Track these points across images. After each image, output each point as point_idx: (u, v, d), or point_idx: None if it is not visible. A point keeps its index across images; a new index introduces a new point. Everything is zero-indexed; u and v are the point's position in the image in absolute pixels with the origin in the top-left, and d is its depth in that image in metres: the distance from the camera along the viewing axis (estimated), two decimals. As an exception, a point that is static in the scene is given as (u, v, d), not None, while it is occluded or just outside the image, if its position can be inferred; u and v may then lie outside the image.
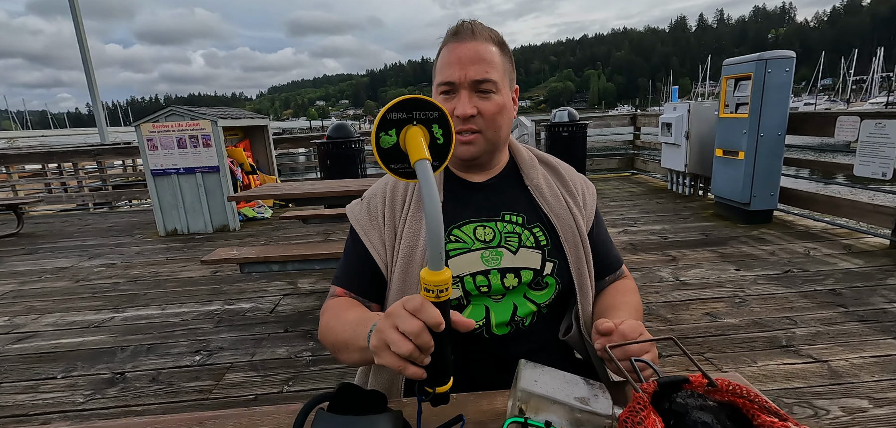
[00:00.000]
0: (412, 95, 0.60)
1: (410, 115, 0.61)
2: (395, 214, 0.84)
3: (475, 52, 0.77)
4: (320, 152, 5.38)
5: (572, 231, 0.83)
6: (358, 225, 0.86)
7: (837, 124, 3.45)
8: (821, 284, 2.62)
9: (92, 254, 4.28)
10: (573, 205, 0.86)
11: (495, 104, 0.78)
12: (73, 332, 2.60)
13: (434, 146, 0.62)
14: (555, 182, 0.88)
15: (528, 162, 0.88)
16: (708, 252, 3.27)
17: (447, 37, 0.81)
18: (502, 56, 0.81)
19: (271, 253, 2.32)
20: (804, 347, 1.98)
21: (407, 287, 0.81)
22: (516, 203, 0.85)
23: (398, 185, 0.88)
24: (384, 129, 0.60)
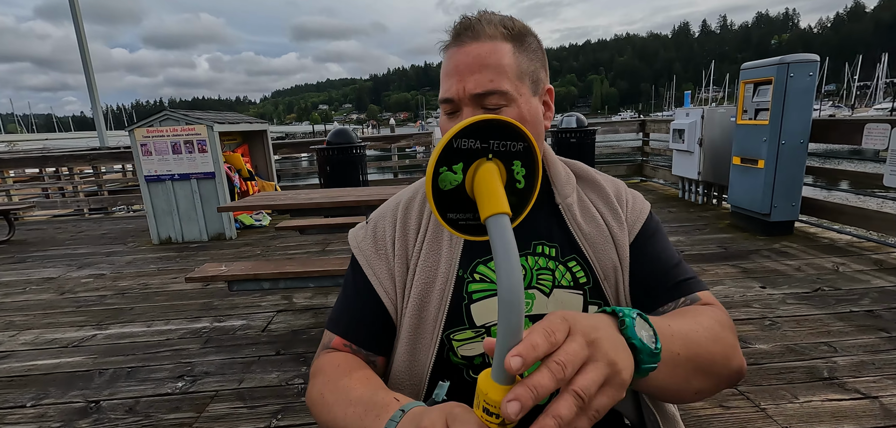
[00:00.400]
0: (492, 116, 0.43)
1: (487, 145, 0.43)
2: (408, 241, 0.67)
3: (476, 59, 0.60)
4: (320, 158, 5.21)
5: (612, 264, 0.65)
6: (362, 255, 0.69)
7: (865, 132, 3.26)
8: (856, 304, 2.42)
9: (81, 263, 4.11)
10: (613, 222, 0.67)
11: (511, 116, 0.61)
12: (51, 351, 2.42)
13: (513, 191, 0.45)
14: (591, 198, 0.70)
15: (564, 178, 0.70)
16: (729, 267, 3.07)
17: (449, 40, 0.64)
18: (519, 53, 0.62)
19: (262, 270, 2.15)
20: (849, 379, 1.78)
21: (419, 338, 0.64)
22: (549, 231, 0.67)
23: (413, 205, 0.70)
24: (448, 163, 0.42)
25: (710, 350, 0.50)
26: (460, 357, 0.64)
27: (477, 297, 0.63)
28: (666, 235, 0.71)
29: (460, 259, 0.64)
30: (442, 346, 0.64)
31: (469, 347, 0.63)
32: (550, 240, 0.66)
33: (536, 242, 0.66)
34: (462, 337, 0.63)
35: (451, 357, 0.65)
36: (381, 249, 0.68)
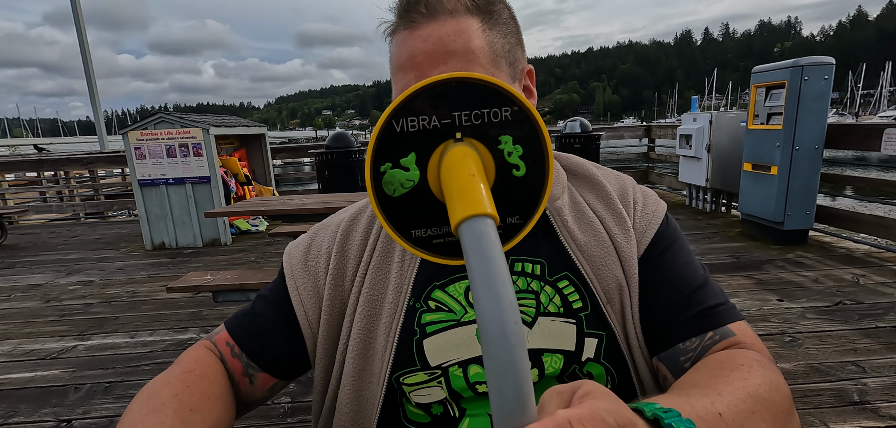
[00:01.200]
0: (452, 75, 0.31)
1: (449, 120, 0.31)
2: (348, 261, 0.54)
3: (437, 44, 0.46)
4: (318, 163, 5.09)
5: (616, 282, 0.50)
6: (288, 265, 0.57)
7: (885, 137, 3.12)
8: (881, 320, 2.27)
9: (71, 269, 4.00)
10: (616, 229, 0.53)
11: None
12: (27, 364, 2.29)
13: (507, 182, 0.33)
14: (591, 202, 0.55)
15: (553, 179, 0.56)
16: (742, 278, 2.92)
17: (395, 22, 0.49)
18: (490, 29, 0.49)
19: (249, 279, 2.02)
20: (882, 403, 1.64)
21: (365, 384, 0.51)
22: (536, 245, 0.52)
23: (360, 219, 0.57)
24: (392, 156, 0.31)
25: None
26: (414, 405, 0.51)
27: (431, 330, 0.50)
28: (687, 246, 0.55)
29: (412, 284, 0.51)
30: (392, 393, 0.51)
31: (423, 393, 0.50)
32: (535, 255, 0.52)
33: (515, 259, 0.52)
34: (413, 380, 0.50)
35: (407, 409, 0.52)
36: (311, 262, 0.56)
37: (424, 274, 0.52)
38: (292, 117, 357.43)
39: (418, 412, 0.51)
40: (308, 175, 8.28)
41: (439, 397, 0.50)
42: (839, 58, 18.40)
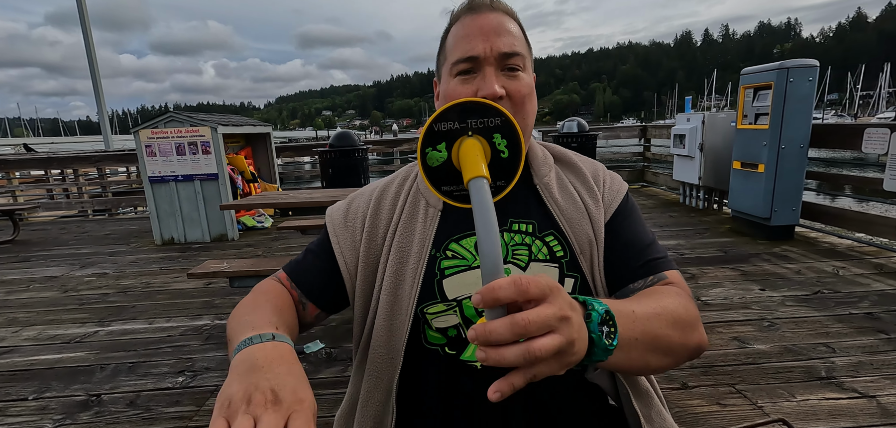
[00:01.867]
0: (468, 99, 0.49)
1: (464, 124, 0.49)
2: (380, 222, 0.70)
3: (499, 23, 0.63)
4: (322, 161, 5.24)
5: (587, 238, 0.66)
6: (332, 224, 0.73)
7: (865, 136, 3.27)
8: (855, 306, 2.42)
9: (84, 262, 4.15)
10: (589, 200, 0.69)
11: (526, 84, 0.64)
12: (53, 347, 2.44)
13: (497, 160, 0.51)
14: (569, 178, 0.72)
15: (541, 159, 0.73)
16: (728, 270, 3.07)
17: (459, 12, 0.66)
18: (524, 35, 0.67)
19: (263, 267, 2.16)
20: (846, 379, 1.79)
21: (395, 314, 0.66)
22: (527, 208, 0.69)
23: (388, 190, 0.73)
24: (431, 143, 0.49)
25: (669, 334, 0.52)
26: (435, 329, 0.65)
27: (449, 272, 0.65)
28: (641, 216, 0.72)
29: (433, 239, 0.67)
30: (417, 321, 0.66)
31: (443, 320, 0.65)
32: (527, 217, 0.68)
33: (513, 220, 0.67)
34: (435, 310, 0.64)
35: (427, 334, 0.66)
36: (350, 222, 0.71)
37: (443, 231, 0.67)
38: (293, 117, 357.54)
39: (437, 336, 0.66)
40: (308, 173, 8.44)
41: (454, 323, 0.64)
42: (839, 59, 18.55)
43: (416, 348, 0.67)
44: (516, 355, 0.36)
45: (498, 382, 0.37)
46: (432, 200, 0.70)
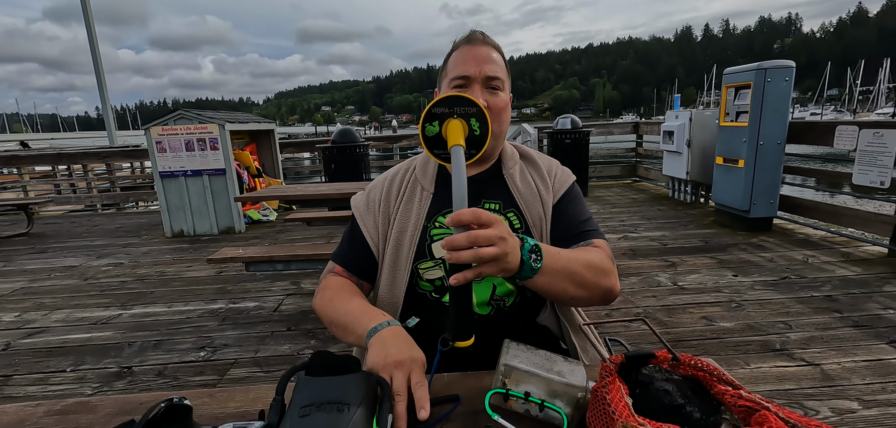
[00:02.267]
0: (454, 93, 0.71)
1: (451, 110, 0.71)
2: (390, 202, 0.93)
3: (487, 54, 0.86)
4: (325, 156, 5.45)
5: (539, 215, 0.89)
6: (357, 211, 0.95)
7: (836, 133, 3.48)
8: (817, 290, 2.64)
9: (100, 253, 4.36)
10: (542, 188, 0.92)
11: (502, 101, 0.87)
12: (82, 327, 2.66)
13: (471, 137, 0.72)
14: (529, 171, 0.94)
15: (510, 157, 0.95)
16: (707, 258, 3.29)
17: (460, 42, 0.90)
18: (505, 66, 0.90)
19: (276, 252, 2.38)
20: (797, 350, 2.01)
21: (396, 269, 0.88)
22: (495, 192, 0.92)
23: (395, 179, 0.95)
24: (429, 121, 0.71)
25: (582, 272, 0.74)
26: (426, 280, 0.88)
27: (436, 237, 0.88)
28: (583, 201, 0.95)
29: (426, 214, 0.90)
30: (412, 275, 0.88)
31: (431, 273, 0.88)
32: (495, 198, 0.91)
33: (485, 200, 0.90)
34: (426, 266, 0.87)
35: (419, 284, 0.89)
36: (371, 206, 0.94)
37: (433, 208, 0.90)
38: (292, 113, 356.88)
39: (426, 285, 0.88)
40: (307, 169, 8.65)
41: (439, 275, 0.87)
42: (839, 55, 18.58)
43: (412, 295, 0.89)
44: (469, 256, 0.58)
45: (456, 275, 0.59)
46: (426, 185, 0.92)
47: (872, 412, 1.58)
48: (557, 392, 0.56)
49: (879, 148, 3.15)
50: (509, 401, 0.58)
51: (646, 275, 3.04)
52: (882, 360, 1.90)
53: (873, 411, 1.58)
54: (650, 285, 2.85)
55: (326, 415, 0.51)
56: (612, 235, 4.08)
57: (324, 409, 0.52)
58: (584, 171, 6.08)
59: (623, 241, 3.89)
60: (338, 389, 0.54)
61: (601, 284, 0.77)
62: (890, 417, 1.56)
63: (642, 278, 2.98)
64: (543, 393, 0.57)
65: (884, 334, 2.10)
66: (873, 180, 3.21)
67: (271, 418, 0.54)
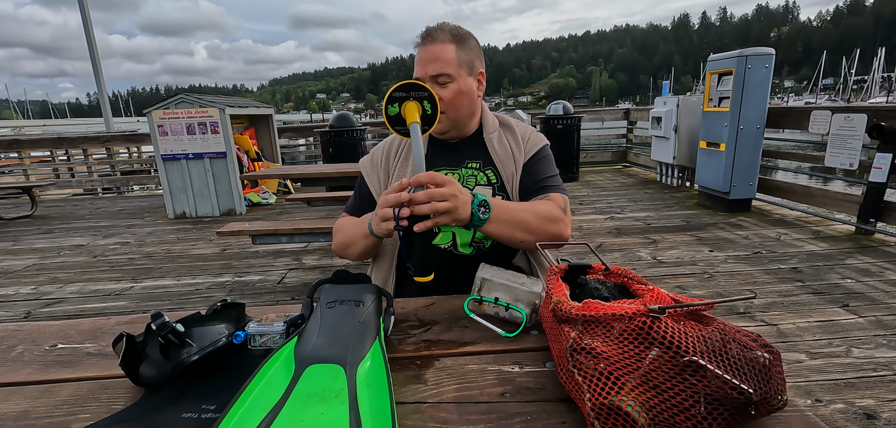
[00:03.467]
0: (410, 80, 0.88)
1: (408, 94, 0.88)
2: (390, 162, 1.11)
3: (433, 54, 0.99)
4: (323, 141, 5.59)
5: (511, 172, 1.06)
6: (364, 169, 1.14)
7: (811, 118, 3.67)
8: (785, 263, 2.85)
9: (106, 233, 4.50)
10: (515, 149, 1.08)
11: (452, 91, 1.00)
12: (97, 298, 2.83)
13: (424, 115, 0.89)
14: (506, 136, 1.11)
15: (491, 125, 1.11)
16: (687, 236, 3.49)
17: (418, 42, 1.04)
18: (461, 49, 1.01)
19: (281, 226, 2.54)
20: (759, 313, 2.21)
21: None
22: (476, 154, 1.09)
23: (393, 145, 1.13)
24: (390, 103, 0.88)
25: (529, 220, 0.92)
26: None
27: None
28: (552, 162, 1.11)
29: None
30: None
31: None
32: (476, 159, 1.08)
33: (467, 161, 1.08)
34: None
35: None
36: (374, 165, 1.13)
37: (426, 167, 1.06)
38: (286, 100, 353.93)
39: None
40: (303, 154, 8.79)
41: (430, 223, 1.04)
42: (836, 44, 18.77)
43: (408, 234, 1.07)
44: (427, 209, 0.75)
45: (417, 224, 0.76)
46: None
47: (817, 362, 1.78)
48: (520, 297, 0.74)
49: (849, 132, 3.34)
50: (482, 305, 0.76)
51: (628, 251, 3.23)
52: (833, 320, 2.10)
53: (818, 362, 1.79)
54: (631, 260, 3.04)
55: (347, 307, 0.69)
56: (599, 216, 4.28)
57: (345, 304, 0.69)
58: (575, 156, 6.26)
59: (609, 221, 4.08)
60: (355, 291, 0.72)
61: (548, 229, 0.93)
62: (832, 366, 1.76)
63: (624, 254, 3.17)
64: (509, 298, 0.74)
65: (839, 300, 2.31)
66: (843, 162, 3.41)
67: (304, 311, 0.71)
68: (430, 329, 0.77)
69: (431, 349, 0.70)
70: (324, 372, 0.58)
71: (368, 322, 0.68)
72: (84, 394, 0.64)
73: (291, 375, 0.59)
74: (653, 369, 0.49)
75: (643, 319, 0.51)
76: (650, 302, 0.60)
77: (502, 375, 0.63)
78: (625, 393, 0.48)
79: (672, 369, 0.48)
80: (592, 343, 0.53)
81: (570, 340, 0.55)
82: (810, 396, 1.59)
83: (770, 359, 0.51)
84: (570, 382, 0.55)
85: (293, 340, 0.65)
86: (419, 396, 0.59)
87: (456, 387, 0.60)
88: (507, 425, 0.52)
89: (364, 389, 0.56)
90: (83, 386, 0.66)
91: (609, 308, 0.54)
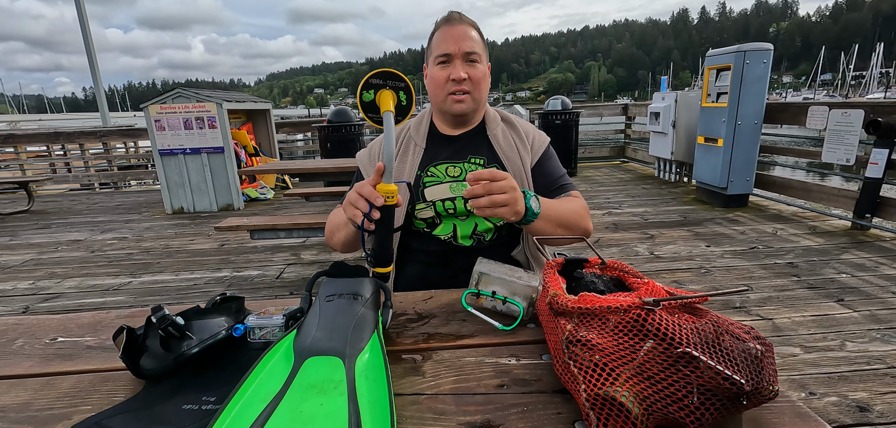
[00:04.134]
0: (386, 69, 0.87)
1: (384, 82, 0.87)
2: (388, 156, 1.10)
3: (465, 33, 1.01)
4: (321, 136, 5.58)
5: (518, 169, 1.06)
6: (361, 163, 1.14)
7: (809, 114, 3.68)
8: (781, 258, 2.86)
9: (103, 229, 4.49)
10: (521, 148, 1.09)
11: (480, 72, 1.03)
12: (95, 293, 2.83)
13: (399, 106, 0.89)
14: (510, 133, 1.11)
15: (493, 120, 1.12)
16: (684, 231, 3.50)
17: (440, 23, 1.05)
18: (481, 39, 1.05)
19: (279, 221, 2.55)
20: (755, 308, 2.22)
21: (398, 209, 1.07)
22: (480, 149, 1.09)
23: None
24: (365, 89, 0.87)
25: (568, 216, 0.94)
26: (419, 218, 1.06)
27: (428, 184, 1.05)
28: (558, 160, 1.12)
29: (419, 165, 1.07)
30: (408, 215, 1.06)
31: (424, 213, 1.05)
32: (479, 154, 1.08)
33: (470, 156, 1.08)
34: (420, 207, 1.05)
35: (414, 222, 1.07)
36: (372, 159, 1.13)
37: (424, 160, 1.07)
38: (284, 95, 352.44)
39: (420, 222, 1.06)
40: (301, 150, 8.78)
41: (430, 215, 1.04)
42: (835, 39, 18.80)
43: (408, 229, 1.08)
44: (486, 201, 0.77)
45: (477, 208, 0.78)
46: (418, 141, 1.09)
47: (812, 356, 1.80)
48: (517, 291, 0.75)
49: (846, 127, 3.36)
50: (480, 299, 0.76)
51: (625, 246, 3.24)
52: (828, 315, 2.12)
53: (812, 356, 1.80)
54: (628, 255, 3.06)
55: (345, 300, 0.69)
56: (598, 210, 4.29)
57: (344, 297, 0.70)
58: (573, 151, 6.26)
59: (607, 216, 4.09)
60: (353, 285, 0.72)
61: (581, 225, 0.98)
62: (826, 360, 1.77)
63: (622, 248, 3.18)
64: (507, 292, 0.75)
65: (833, 294, 2.32)
66: (840, 158, 3.42)
67: (303, 305, 0.72)
68: (428, 322, 0.77)
69: (429, 342, 0.71)
70: (323, 364, 0.59)
71: (367, 315, 0.69)
72: (85, 386, 0.64)
73: (291, 367, 0.59)
74: (647, 361, 0.50)
75: (638, 312, 0.51)
76: (645, 295, 0.61)
77: (499, 367, 0.64)
78: (619, 384, 0.49)
79: (666, 361, 0.49)
80: (588, 335, 0.54)
81: (566, 333, 0.56)
82: (804, 389, 1.60)
83: (762, 350, 0.51)
84: (565, 373, 0.56)
85: (292, 332, 0.66)
86: (417, 388, 0.60)
87: (454, 379, 0.61)
88: (504, 416, 0.53)
89: (363, 380, 0.57)
90: (84, 378, 0.66)
91: (604, 301, 0.55)
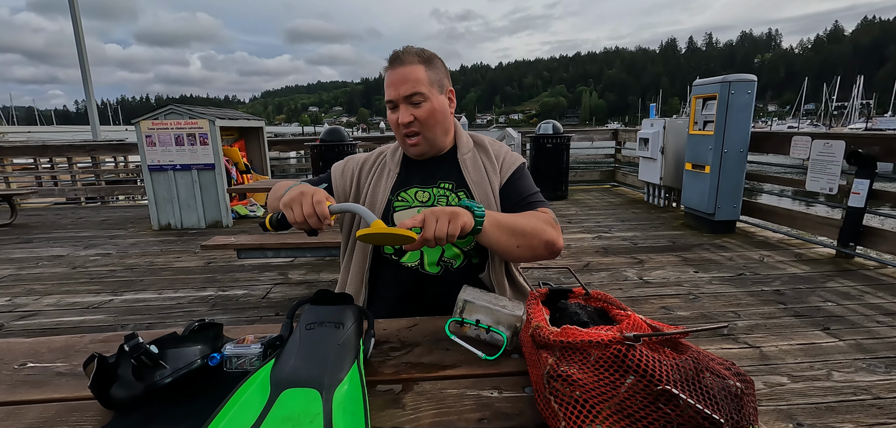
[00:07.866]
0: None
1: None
2: (362, 177, 1.12)
3: (404, 76, 1.00)
4: (314, 154, 5.57)
5: (486, 193, 1.06)
6: (334, 173, 1.14)
7: (792, 143, 3.76)
8: (768, 285, 2.89)
9: (87, 244, 4.41)
10: (490, 171, 1.09)
11: (427, 110, 1.02)
12: (74, 311, 2.75)
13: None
14: (481, 157, 1.11)
15: (465, 144, 1.12)
16: (672, 257, 3.53)
17: (387, 65, 1.04)
18: (429, 70, 1.02)
19: (267, 241, 2.52)
20: (742, 335, 2.23)
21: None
22: (449, 174, 1.09)
23: (369, 159, 1.15)
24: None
25: (523, 227, 0.93)
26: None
27: (397, 208, 1.05)
28: (530, 179, 1.11)
29: (392, 189, 1.08)
30: None
31: None
32: (449, 179, 1.08)
33: (440, 181, 1.08)
34: None
35: (383, 247, 1.07)
36: (346, 174, 1.14)
37: (397, 185, 1.08)
38: (278, 112, 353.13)
39: (389, 247, 1.06)
40: (293, 167, 8.77)
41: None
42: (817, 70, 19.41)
43: (377, 255, 1.07)
44: (433, 238, 0.77)
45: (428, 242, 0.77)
46: (393, 167, 1.10)
47: (799, 386, 1.80)
48: (501, 320, 0.74)
49: (828, 157, 3.43)
50: (464, 327, 0.75)
51: (615, 270, 3.25)
52: (814, 343, 2.13)
53: (800, 385, 1.80)
54: (618, 279, 3.06)
55: (326, 329, 0.68)
56: (587, 234, 4.31)
57: (325, 326, 0.69)
58: (564, 175, 6.32)
59: (597, 240, 4.11)
60: (336, 313, 0.71)
61: (541, 236, 0.93)
62: (813, 389, 1.77)
63: (611, 273, 3.19)
64: (491, 321, 0.74)
65: (820, 323, 2.34)
66: (823, 187, 3.49)
67: (283, 333, 0.70)
68: (411, 351, 0.76)
69: (411, 372, 0.70)
70: (299, 396, 0.58)
71: (348, 344, 0.67)
72: (51, 415, 0.62)
73: (266, 399, 0.58)
74: (628, 397, 0.49)
75: (618, 347, 0.51)
76: (627, 329, 0.61)
77: (481, 399, 0.62)
78: (599, 421, 0.48)
79: (646, 397, 0.48)
80: (569, 370, 0.53)
81: (547, 366, 0.55)
82: (792, 420, 1.60)
83: (743, 388, 0.51)
84: (547, 408, 0.55)
85: (270, 362, 0.64)
86: (397, 422, 0.58)
87: (434, 412, 0.60)
88: (484, 453, 0.52)
89: (340, 414, 0.55)
90: (51, 407, 0.64)
91: (586, 335, 0.54)
